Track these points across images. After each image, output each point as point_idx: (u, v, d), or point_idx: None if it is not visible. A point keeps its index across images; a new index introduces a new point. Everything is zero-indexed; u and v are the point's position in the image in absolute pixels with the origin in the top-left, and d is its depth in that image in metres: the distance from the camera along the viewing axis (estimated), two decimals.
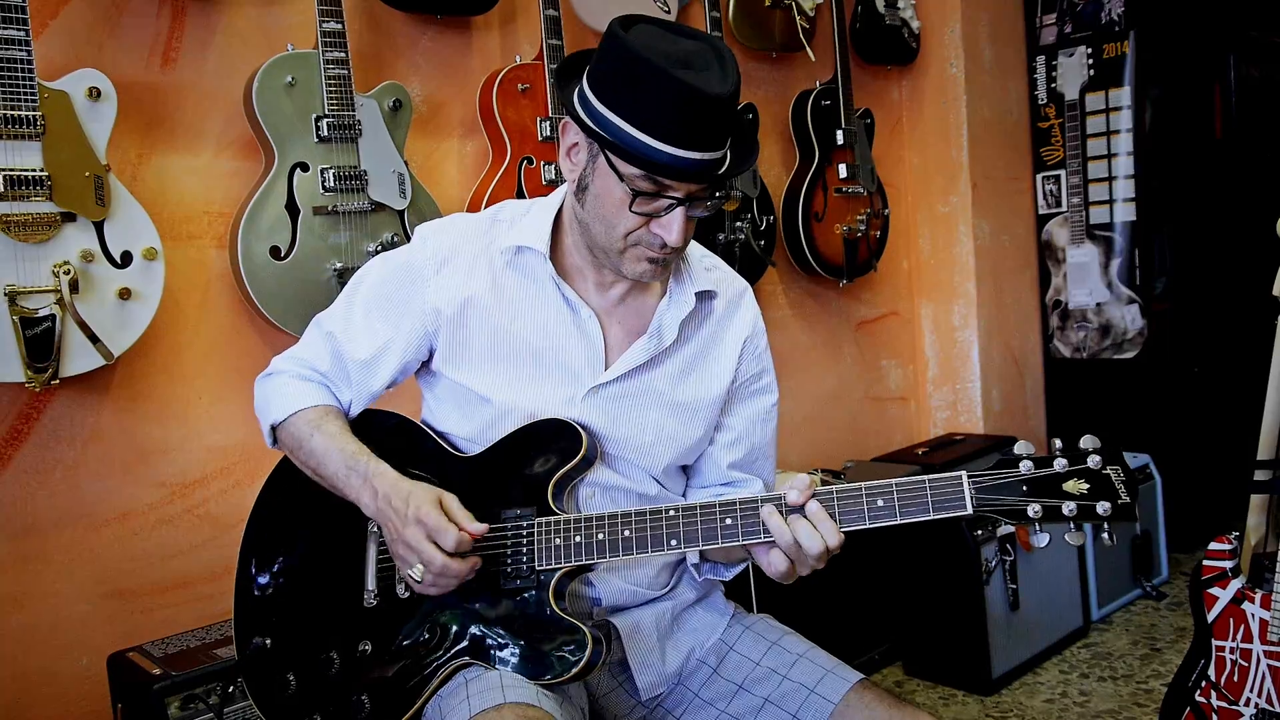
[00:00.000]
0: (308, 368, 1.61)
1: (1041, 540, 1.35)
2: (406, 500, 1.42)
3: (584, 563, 1.44)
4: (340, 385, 1.60)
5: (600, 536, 1.43)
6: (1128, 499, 1.32)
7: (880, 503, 1.36)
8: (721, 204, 1.49)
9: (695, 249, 1.63)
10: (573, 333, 1.54)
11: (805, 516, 1.37)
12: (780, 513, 1.38)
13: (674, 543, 1.41)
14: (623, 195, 1.41)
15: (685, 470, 1.68)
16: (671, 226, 1.42)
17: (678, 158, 1.36)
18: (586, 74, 1.44)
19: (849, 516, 1.37)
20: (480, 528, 1.42)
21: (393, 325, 1.55)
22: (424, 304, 1.54)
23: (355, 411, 1.61)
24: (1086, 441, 1.34)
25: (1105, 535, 1.33)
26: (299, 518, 1.61)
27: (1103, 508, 1.32)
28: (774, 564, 1.41)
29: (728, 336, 1.63)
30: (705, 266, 1.62)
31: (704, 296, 1.59)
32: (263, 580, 1.60)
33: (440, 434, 1.60)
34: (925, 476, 1.35)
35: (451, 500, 1.44)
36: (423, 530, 1.40)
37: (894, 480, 1.36)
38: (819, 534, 1.36)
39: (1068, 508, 1.32)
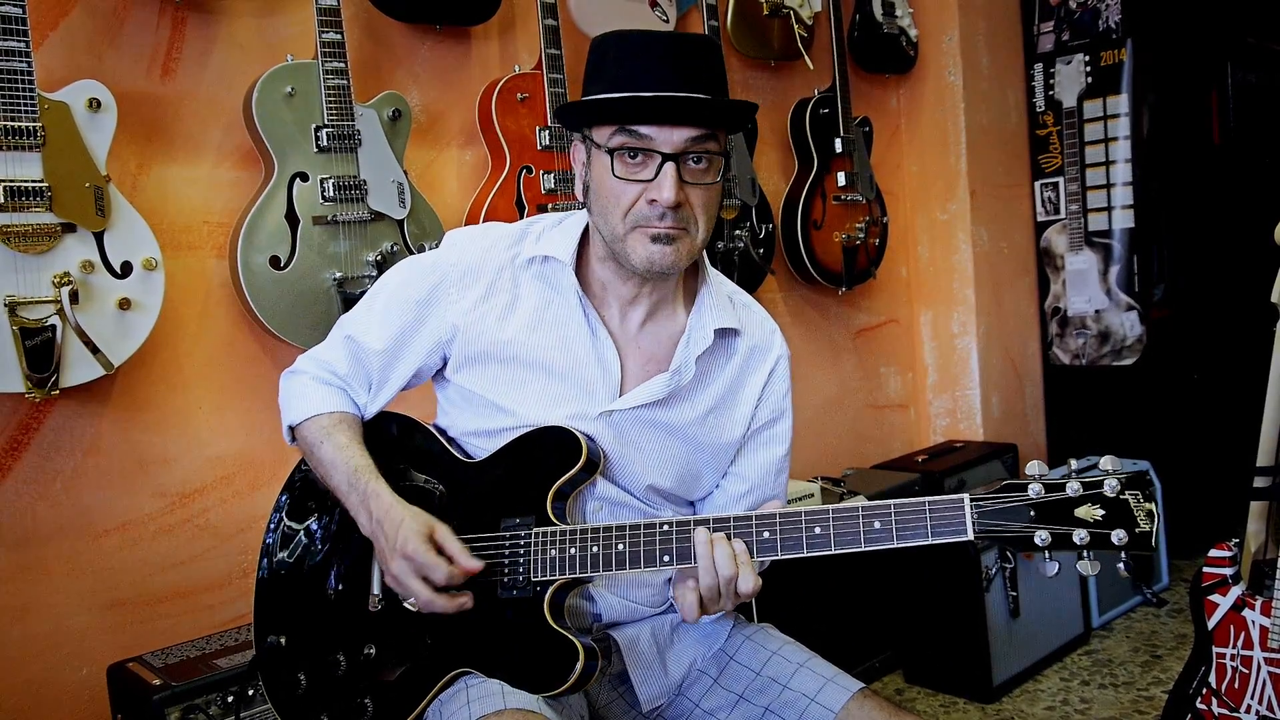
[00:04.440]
0: (327, 370, 1.61)
1: (1051, 569, 1.26)
2: (397, 530, 1.42)
3: (578, 576, 1.44)
4: (358, 388, 1.61)
5: (595, 550, 1.42)
6: (1145, 527, 1.22)
7: (877, 525, 1.31)
8: (721, 160, 1.47)
9: (727, 284, 1.63)
10: (590, 353, 1.53)
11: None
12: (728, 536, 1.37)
13: (666, 559, 1.40)
14: (607, 164, 1.42)
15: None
16: (662, 185, 1.39)
17: (643, 98, 1.38)
18: None
19: (844, 539, 1.32)
20: (475, 565, 1.41)
21: (411, 326, 1.56)
22: (444, 312, 1.54)
23: (372, 413, 1.62)
24: (1106, 463, 1.26)
25: (1121, 566, 1.24)
26: (315, 519, 1.62)
27: (1118, 537, 1.22)
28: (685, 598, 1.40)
29: (750, 383, 1.61)
30: (734, 303, 1.61)
31: (725, 333, 1.57)
32: (279, 579, 1.61)
33: (451, 439, 1.60)
34: (925, 499, 1.29)
35: (445, 533, 1.44)
36: (410, 565, 1.41)
37: (892, 502, 1.31)
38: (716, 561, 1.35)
39: (1079, 536, 1.24)
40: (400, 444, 1.61)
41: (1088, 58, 3.96)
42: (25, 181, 1.96)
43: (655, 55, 1.39)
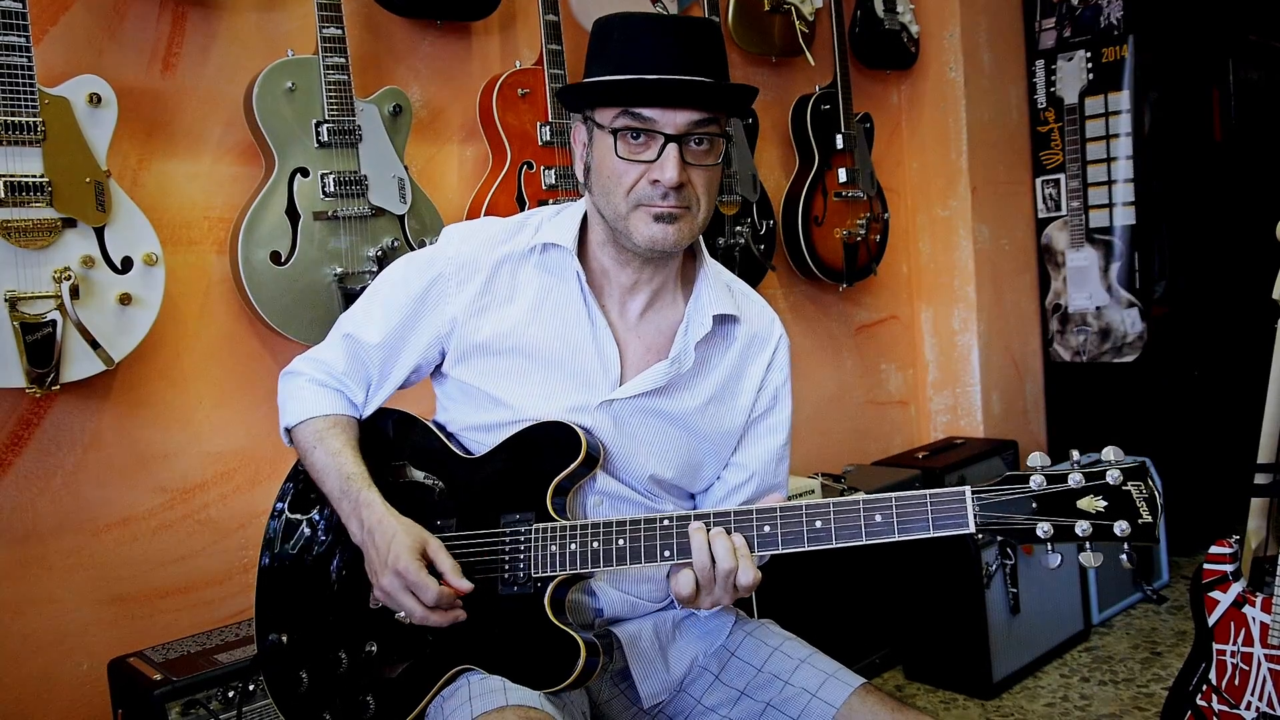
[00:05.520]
0: (324, 370, 1.61)
1: (1053, 561, 1.26)
2: (389, 545, 1.42)
3: (579, 571, 1.44)
4: (356, 387, 1.61)
5: (595, 545, 1.42)
6: (1148, 518, 1.21)
7: (878, 518, 1.30)
8: (722, 143, 1.48)
9: (725, 273, 1.63)
10: (589, 342, 1.54)
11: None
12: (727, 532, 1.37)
13: (667, 553, 1.40)
14: (610, 144, 1.42)
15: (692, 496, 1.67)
16: (665, 165, 1.40)
17: (647, 80, 1.39)
18: None
19: (845, 532, 1.32)
20: (465, 585, 1.41)
21: (409, 321, 1.56)
22: (442, 307, 1.54)
23: (370, 410, 1.62)
24: (1108, 454, 1.26)
25: (1124, 557, 1.24)
26: (317, 511, 1.62)
27: (1120, 528, 1.22)
28: (680, 583, 1.40)
29: (750, 370, 1.61)
30: (732, 290, 1.61)
31: (724, 320, 1.57)
32: (280, 574, 1.61)
33: (450, 434, 1.60)
34: (926, 492, 1.29)
35: (437, 549, 1.43)
36: (401, 582, 1.40)
37: (893, 495, 1.30)
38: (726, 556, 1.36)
39: (1081, 527, 1.23)
40: (399, 440, 1.61)
41: (1089, 54, 3.96)
42: (26, 176, 1.96)
43: (658, 38, 1.40)
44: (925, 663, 3.27)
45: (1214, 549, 2.28)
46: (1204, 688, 2.26)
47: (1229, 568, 2.24)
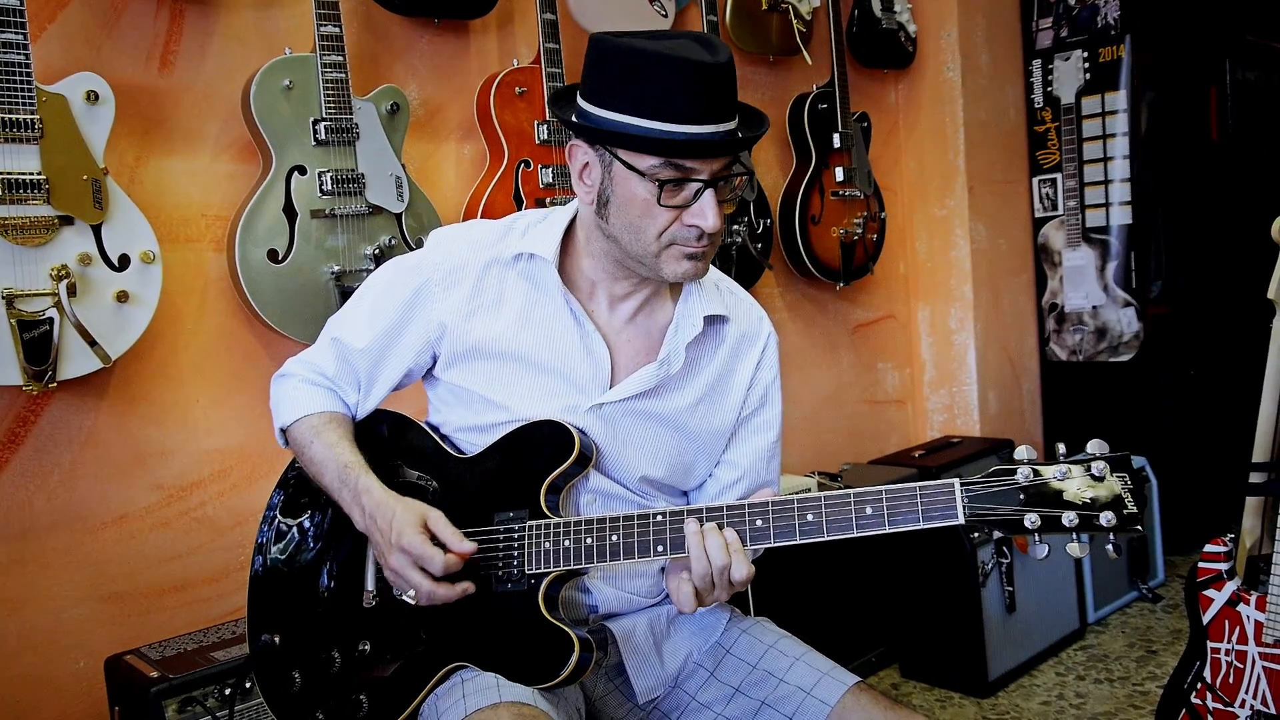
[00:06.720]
0: (315, 371, 1.62)
1: (1040, 552, 1.28)
2: (390, 523, 1.43)
3: (572, 568, 1.44)
4: (346, 388, 1.61)
5: (589, 541, 1.43)
6: (1133, 509, 1.24)
7: (869, 511, 1.32)
8: (748, 179, 1.49)
9: (713, 272, 1.63)
10: (578, 347, 1.54)
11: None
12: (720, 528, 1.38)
13: (660, 549, 1.40)
14: (648, 193, 1.40)
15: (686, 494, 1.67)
16: (706, 212, 1.40)
17: (695, 134, 1.36)
18: (580, 93, 1.44)
19: (836, 525, 1.33)
20: (469, 547, 1.42)
21: (398, 326, 1.56)
22: (430, 311, 1.54)
23: (364, 412, 1.62)
24: (1093, 446, 1.28)
25: (1110, 547, 1.26)
26: (309, 516, 1.63)
27: (1106, 518, 1.24)
28: (681, 589, 1.41)
29: (740, 369, 1.62)
30: (720, 289, 1.61)
31: (713, 320, 1.58)
32: (273, 577, 1.61)
33: (444, 435, 1.61)
34: (916, 484, 1.31)
35: (438, 519, 1.44)
36: (407, 558, 1.41)
37: (883, 488, 1.32)
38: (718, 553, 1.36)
39: (1068, 518, 1.25)
40: (393, 441, 1.61)
41: (1086, 54, 3.96)
42: (23, 174, 1.96)
43: (697, 87, 1.36)
44: (921, 661, 3.27)
45: (1209, 547, 2.28)
46: (1199, 686, 2.26)
47: (1224, 566, 2.25)
